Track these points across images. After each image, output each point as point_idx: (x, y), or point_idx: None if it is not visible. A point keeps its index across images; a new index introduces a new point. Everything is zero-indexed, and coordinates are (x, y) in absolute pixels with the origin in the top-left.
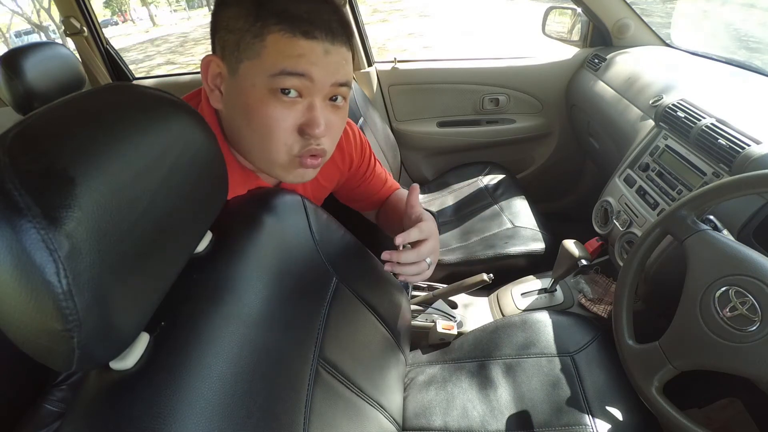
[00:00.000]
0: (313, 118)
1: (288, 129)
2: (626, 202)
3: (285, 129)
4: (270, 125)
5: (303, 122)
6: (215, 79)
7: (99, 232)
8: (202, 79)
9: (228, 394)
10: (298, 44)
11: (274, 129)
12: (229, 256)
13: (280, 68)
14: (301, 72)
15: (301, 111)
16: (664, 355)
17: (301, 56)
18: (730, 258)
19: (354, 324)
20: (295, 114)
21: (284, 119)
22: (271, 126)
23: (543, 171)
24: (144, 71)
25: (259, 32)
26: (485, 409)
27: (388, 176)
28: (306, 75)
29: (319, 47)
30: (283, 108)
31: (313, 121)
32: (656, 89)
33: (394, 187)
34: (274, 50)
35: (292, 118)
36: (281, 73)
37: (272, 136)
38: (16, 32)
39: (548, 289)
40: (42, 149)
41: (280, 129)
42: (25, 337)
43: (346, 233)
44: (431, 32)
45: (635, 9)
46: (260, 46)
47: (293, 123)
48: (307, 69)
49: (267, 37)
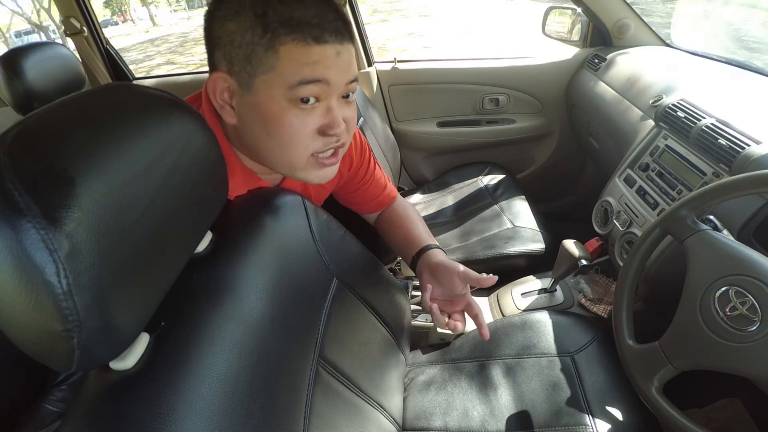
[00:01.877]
0: (333, 119)
1: (309, 134)
2: (626, 202)
3: (306, 135)
4: (292, 134)
5: (324, 124)
6: (223, 94)
7: (99, 232)
8: (211, 96)
9: (228, 394)
10: (312, 51)
11: (297, 136)
12: (230, 257)
13: (298, 78)
14: (318, 78)
15: (320, 114)
16: (664, 355)
17: (317, 62)
18: (730, 258)
19: (354, 324)
20: (315, 118)
21: (305, 125)
22: (294, 134)
23: (543, 171)
24: (144, 71)
25: (271, 44)
26: (485, 409)
27: (387, 181)
28: (323, 80)
29: (331, 50)
30: (304, 116)
31: (334, 122)
32: (656, 89)
33: (393, 194)
34: (289, 61)
35: (312, 123)
36: (300, 83)
37: (294, 143)
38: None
39: (548, 289)
40: (42, 149)
41: (302, 135)
42: (25, 337)
43: (346, 233)
44: (431, 32)
45: (635, 9)
46: (274, 58)
47: (313, 127)
48: (323, 74)
49: (280, 48)
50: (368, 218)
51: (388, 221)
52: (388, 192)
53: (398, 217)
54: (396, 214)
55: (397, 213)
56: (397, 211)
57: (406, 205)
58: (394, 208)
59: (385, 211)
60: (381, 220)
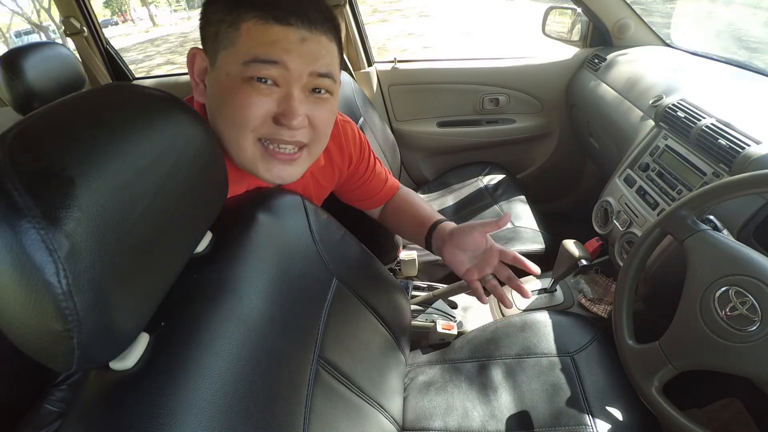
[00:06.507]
0: (290, 107)
1: (260, 117)
2: (626, 202)
3: (257, 117)
4: (241, 111)
5: (278, 112)
6: (201, 74)
7: (99, 232)
8: (189, 74)
9: (228, 394)
10: (272, 31)
11: (246, 116)
12: (229, 257)
13: (252, 55)
14: (274, 59)
15: (277, 100)
16: (664, 355)
17: (275, 43)
18: (730, 258)
19: (354, 324)
20: (270, 102)
21: (257, 106)
22: (243, 112)
23: (543, 171)
24: (144, 71)
25: (235, 21)
26: (485, 409)
27: (388, 175)
28: (280, 62)
29: (295, 34)
30: (257, 95)
31: (290, 110)
32: (656, 89)
33: (395, 186)
34: (247, 37)
35: (266, 106)
36: (254, 60)
37: (242, 123)
38: (16, 32)
39: (548, 289)
40: (42, 149)
41: (251, 116)
42: (25, 337)
43: (346, 233)
44: (431, 32)
45: (635, 9)
46: (235, 34)
47: (267, 111)
48: (280, 56)
49: (241, 25)
50: (372, 214)
51: (394, 211)
52: (390, 185)
53: (404, 203)
54: (401, 202)
55: (401, 200)
56: (402, 198)
57: (409, 191)
58: (397, 197)
59: (389, 202)
60: (386, 211)
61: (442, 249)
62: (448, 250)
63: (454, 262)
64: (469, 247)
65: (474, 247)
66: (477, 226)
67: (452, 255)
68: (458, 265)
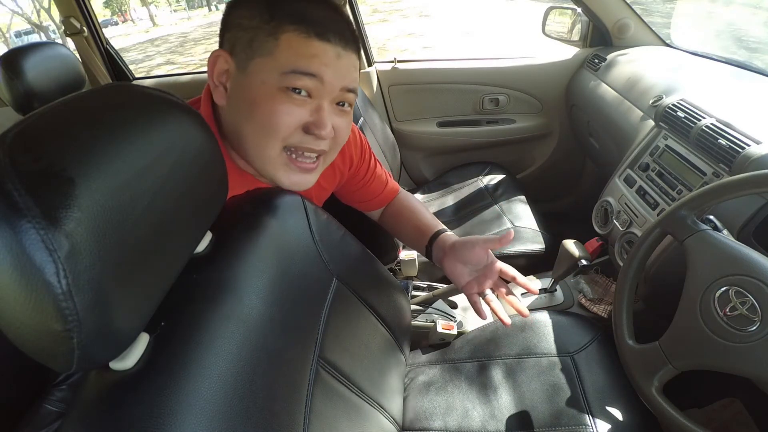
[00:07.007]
0: (321, 118)
1: (292, 125)
2: (626, 202)
3: (289, 125)
4: (275, 120)
5: (310, 122)
6: (221, 76)
7: (99, 232)
8: (208, 75)
9: (228, 394)
10: (313, 45)
11: (279, 124)
12: (229, 257)
13: (292, 67)
14: (313, 72)
15: (309, 111)
16: (664, 355)
17: (315, 57)
18: (730, 258)
19: (354, 324)
20: (302, 113)
21: (290, 114)
22: (276, 121)
23: (543, 171)
24: (144, 71)
25: (274, 31)
26: (485, 409)
27: (388, 177)
28: (317, 76)
29: (332, 50)
30: (291, 104)
31: (320, 121)
32: (656, 89)
33: (395, 189)
34: (287, 49)
35: (299, 116)
36: (293, 72)
37: (273, 130)
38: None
39: (548, 289)
40: (42, 149)
41: (283, 123)
42: (25, 337)
43: (346, 234)
44: (431, 32)
45: (635, 9)
46: (273, 44)
47: (299, 120)
48: (319, 70)
49: (281, 36)
50: (372, 215)
51: (393, 215)
52: (390, 187)
53: (404, 209)
54: (401, 207)
55: (401, 206)
56: (402, 203)
57: (409, 196)
58: (398, 202)
59: (389, 206)
60: (386, 215)
61: (443, 260)
62: (449, 262)
63: (454, 273)
64: (470, 261)
65: (476, 261)
66: (480, 241)
67: (453, 267)
68: (458, 278)
